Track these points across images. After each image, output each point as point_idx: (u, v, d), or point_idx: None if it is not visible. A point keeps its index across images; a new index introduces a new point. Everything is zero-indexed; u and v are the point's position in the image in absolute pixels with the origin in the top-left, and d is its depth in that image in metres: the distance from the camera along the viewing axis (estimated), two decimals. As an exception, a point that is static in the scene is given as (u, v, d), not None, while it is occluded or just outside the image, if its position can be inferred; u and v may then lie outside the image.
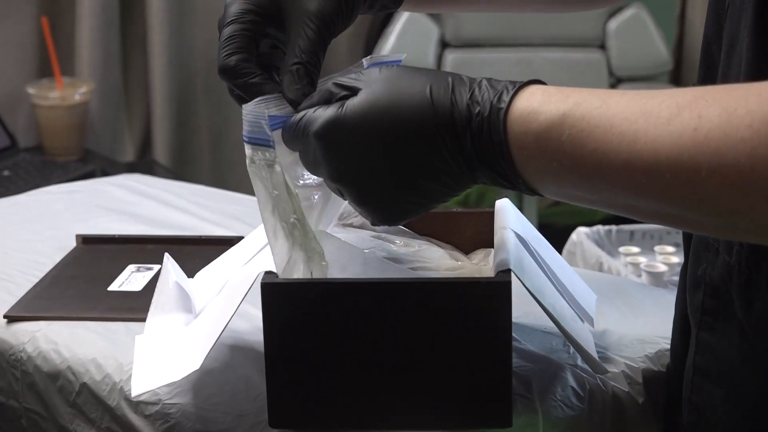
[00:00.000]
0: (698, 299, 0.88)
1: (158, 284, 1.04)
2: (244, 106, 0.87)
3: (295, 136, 0.85)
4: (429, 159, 0.80)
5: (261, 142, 0.88)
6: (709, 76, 0.87)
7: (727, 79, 0.83)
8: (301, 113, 0.85)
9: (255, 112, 0.87)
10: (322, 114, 0.83)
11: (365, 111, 0.81)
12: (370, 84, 0.82)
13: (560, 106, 0.76)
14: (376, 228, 1.02)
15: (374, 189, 0.83)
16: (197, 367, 0.90)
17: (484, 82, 0.80)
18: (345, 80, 0.84)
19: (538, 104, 0.77)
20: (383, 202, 0.83)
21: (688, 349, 0.91)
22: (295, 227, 0.88)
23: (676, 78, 2.64)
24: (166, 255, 1.06)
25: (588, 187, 0.76)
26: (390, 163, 0.81)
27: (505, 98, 0.78)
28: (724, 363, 0.86)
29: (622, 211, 0.78)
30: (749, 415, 0.85)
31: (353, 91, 0.83)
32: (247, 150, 0.88)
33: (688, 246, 0.92)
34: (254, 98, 0.88)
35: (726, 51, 0.84)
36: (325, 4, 0.90)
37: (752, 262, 0.82)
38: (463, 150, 0.79)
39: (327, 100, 0.85)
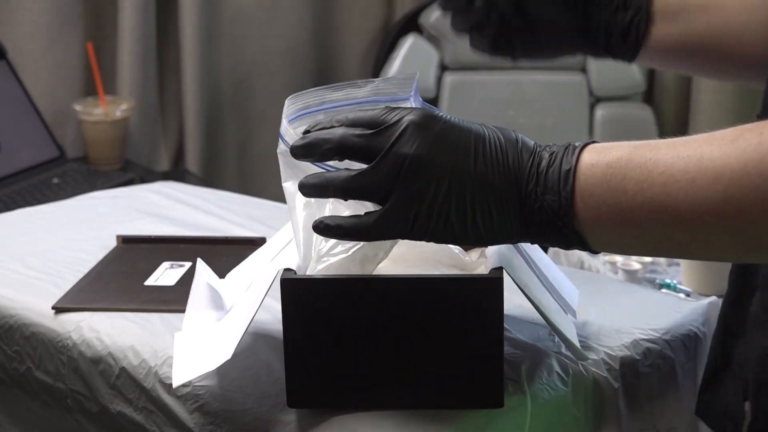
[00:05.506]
0: None
1: (192, 286, 1.03)
2: None
3: None
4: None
5: None
6: None
7: None
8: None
9: None
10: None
11: None
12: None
13: (622, 153, 0.76)
14: None
15: None
16: (229, 357, 0.90)
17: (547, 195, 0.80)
18: None
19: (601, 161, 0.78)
20: None
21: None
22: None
23: (649, 98, 2.63)
24: (199, 260, 1.06)
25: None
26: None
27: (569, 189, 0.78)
28: None
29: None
30: None
31: None
32: None
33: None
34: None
35: None
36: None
37: None
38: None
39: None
